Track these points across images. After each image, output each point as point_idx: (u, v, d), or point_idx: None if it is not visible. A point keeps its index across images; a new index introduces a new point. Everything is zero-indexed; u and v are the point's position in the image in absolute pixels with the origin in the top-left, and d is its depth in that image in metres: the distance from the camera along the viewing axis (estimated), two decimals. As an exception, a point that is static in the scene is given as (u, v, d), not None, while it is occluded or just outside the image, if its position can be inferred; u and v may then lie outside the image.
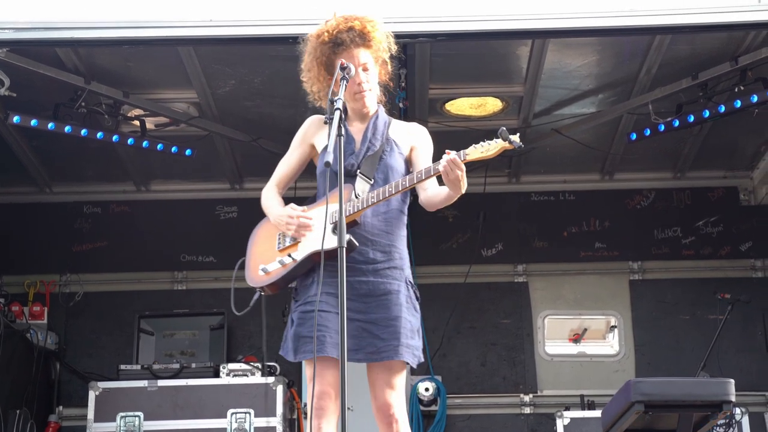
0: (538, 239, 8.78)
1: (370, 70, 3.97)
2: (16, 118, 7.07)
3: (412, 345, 3.84)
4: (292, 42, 6.27)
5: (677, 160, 8.69)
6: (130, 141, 7.66)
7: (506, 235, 8.79)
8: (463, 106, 7.85)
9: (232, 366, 7.42)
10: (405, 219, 4.00)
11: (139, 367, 7.57)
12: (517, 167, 8.79)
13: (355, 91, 3.97)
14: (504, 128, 3.66)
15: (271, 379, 7.25)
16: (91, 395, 7.28)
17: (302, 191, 4.44)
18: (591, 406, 7.83)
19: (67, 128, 7.23)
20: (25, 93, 6.73)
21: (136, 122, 7.73)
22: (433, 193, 3.87)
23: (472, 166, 3.92)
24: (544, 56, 6.97)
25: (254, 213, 9.82)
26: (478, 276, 8.61)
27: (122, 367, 7.56)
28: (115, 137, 7.54)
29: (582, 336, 8.79)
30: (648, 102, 7.43)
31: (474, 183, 8.32)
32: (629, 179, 8.96)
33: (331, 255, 3.66)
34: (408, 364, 3.84)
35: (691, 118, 7.30)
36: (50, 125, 7.17)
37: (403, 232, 3.99)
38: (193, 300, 8.70)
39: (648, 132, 7.61)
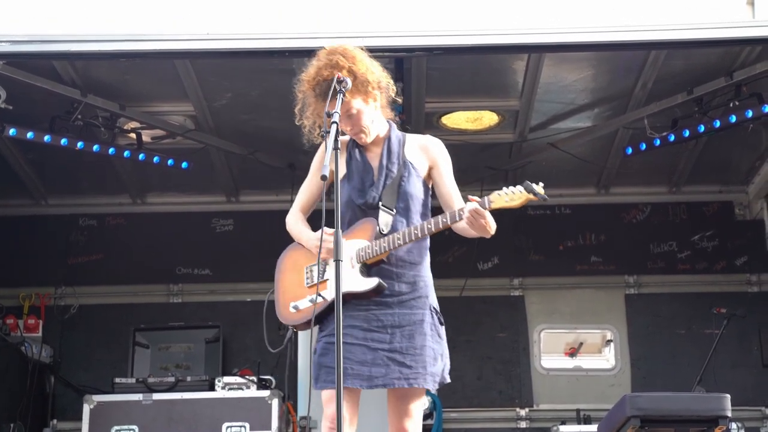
0: (534, 253, 8.78)
1: (359, 112, 3.93)
2: (12, 131, 7.08)
3: (434, 372, 3.91)
4: (288, 55, 6.35)
5: (673, 174, 8.71)
6: (126, 153, 7.66)
7: (502, 248, 8.78)
8: (459, 119, 7.85)
9: (227, 379, 7.40)
10: (427, 243, 4.04)
11: (134, 380, 7.55)
12: (513, 181, 8.75)
13: (350, 135, 4.02)
14: (528, 181, 3.72)
15: (266, 393, 7.24)
16: (86, 408, 7.25)
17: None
18: (587, 421, 7.82)
19: (63, 141, 7.24)
20: (21, 105, 6.73)
21: (133, 135, 7.72)
22: (463, 227, 3.91)
23: (470, 179, 3.95)
24: (540, 70, 6.99)
25: (250, 226, 9.86)
26: (474, 290, 8.61)
27: (117, 380, 7.53)
28: (111, 150, 7.54)
29: (578, 350, 8.79)
30: (643, 116, 7.44)
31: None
32: (625, 193, 8.98)
33: (360, 295, 3.83)
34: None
35: (687, 133, 7.32)
36: (46, 138, 7.18)
37: (426, 257, 4.06)
38: (189, 313, 8.68)
39: (643, 146, 7.63)
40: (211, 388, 7.38)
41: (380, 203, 3.90)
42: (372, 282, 3.82)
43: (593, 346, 8.85)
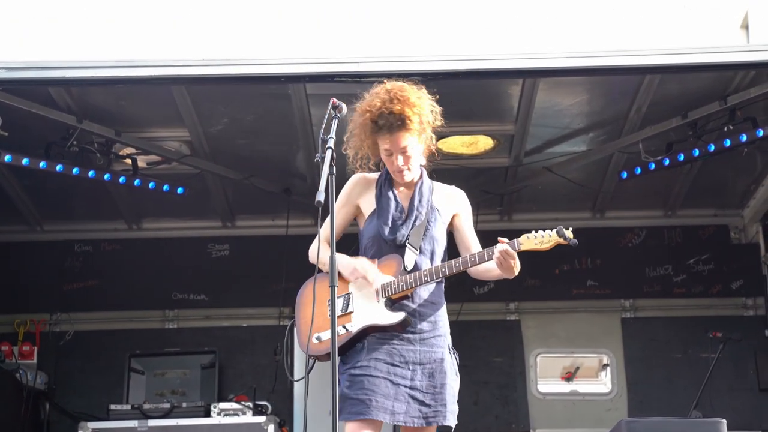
0: (530, 277, 8.74)
1: (411, 151, 4.04)
2: (7, 157, 7.06)
3: (454, 410, 4.02)
4: (284, 81, 6.37)
5: (668, 198, 8.72)
6: (121, 179, 7.66)
7: (498, 273, 8.76)
8: (455, 144, 7.86)
9: (223, 405, 7.37)
10: (443, 286, 4.15)
11: (129, 406, 7.52)
12: (508, 205, 8.80)
13: (394, 171, 4.10)
14: (561, 227, 3.88)
15: (262, 419, 7.21)
16: (81, 435, 7.23)
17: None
18: (584, 445, 7.80)
19: (58, 167, 7.23)
20: (17, 132, 6.73)
21: (128, 160, 7.72)
22: (484, 269, 4.05)
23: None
24: (535, 95, 7.01)
25: (246, 251, 9.81)
26: (470, 314, 8.54)
27: (112, 407, 7.49)
28: (106, 176, 7.54)
29: (574, 374, 8.77)
30: (638, 141, 7.46)
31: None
32: (620, 217, 8.99)
33: (385, 329, 3.91)
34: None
35: (681, 157, 7.34)
36: (42, 164, 7.17)
37: (444, 300, 4.16)
38: (185, 338, 8.66)
39: (638, 170, 7.65)
40: (207, 414, 7.35)
41: (407, 242, 4.01)
42: (399, 315, 3.91)
43: (590, 371, 8.83)
